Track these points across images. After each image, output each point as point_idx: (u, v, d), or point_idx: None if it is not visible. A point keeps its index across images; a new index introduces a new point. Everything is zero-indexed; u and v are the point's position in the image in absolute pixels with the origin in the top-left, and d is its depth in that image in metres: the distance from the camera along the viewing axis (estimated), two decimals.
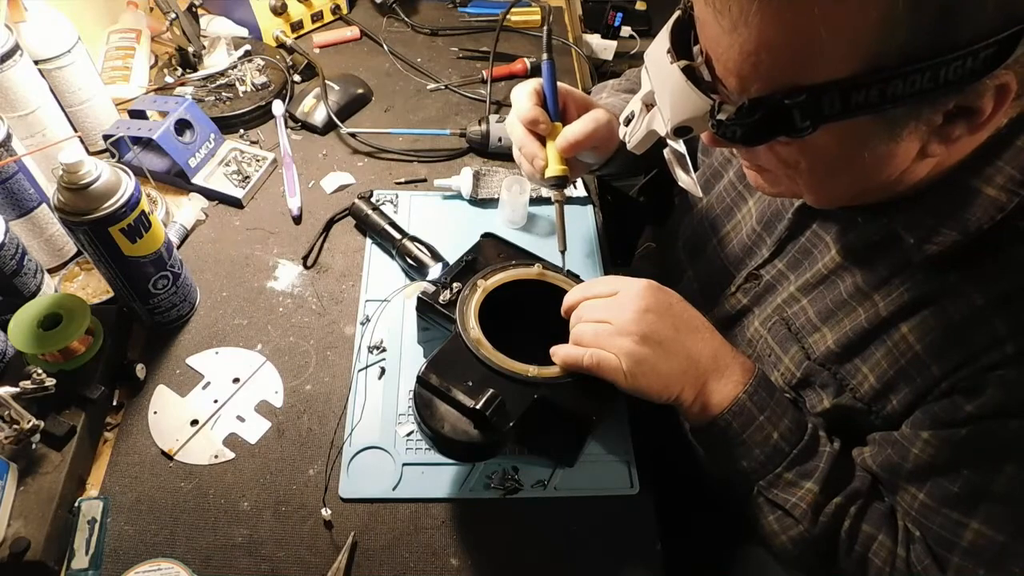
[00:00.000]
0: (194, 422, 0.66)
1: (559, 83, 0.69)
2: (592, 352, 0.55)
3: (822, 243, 0.58)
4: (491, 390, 0.52)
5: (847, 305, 0.54)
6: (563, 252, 0.65)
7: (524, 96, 0.68)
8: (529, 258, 0.66)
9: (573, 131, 0.65)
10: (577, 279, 0.64)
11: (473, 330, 0.58)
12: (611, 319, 0.55)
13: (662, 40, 0.47)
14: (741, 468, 0.57)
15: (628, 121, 0.57)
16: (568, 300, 0.60)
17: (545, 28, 0.71)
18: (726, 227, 0.70)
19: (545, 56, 0.69)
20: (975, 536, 0.48)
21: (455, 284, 0.62)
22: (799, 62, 0.38)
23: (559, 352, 0.57)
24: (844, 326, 0.54)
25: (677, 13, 0.47)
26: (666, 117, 0.48)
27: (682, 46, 0.46)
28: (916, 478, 0.52)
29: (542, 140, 0.68)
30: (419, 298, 0.61)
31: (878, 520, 0.54)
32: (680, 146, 0.57)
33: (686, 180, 0.58)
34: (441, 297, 0.61)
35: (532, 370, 0.56)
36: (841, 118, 0.39)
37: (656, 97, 0.50)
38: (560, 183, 0.66)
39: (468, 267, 0.64)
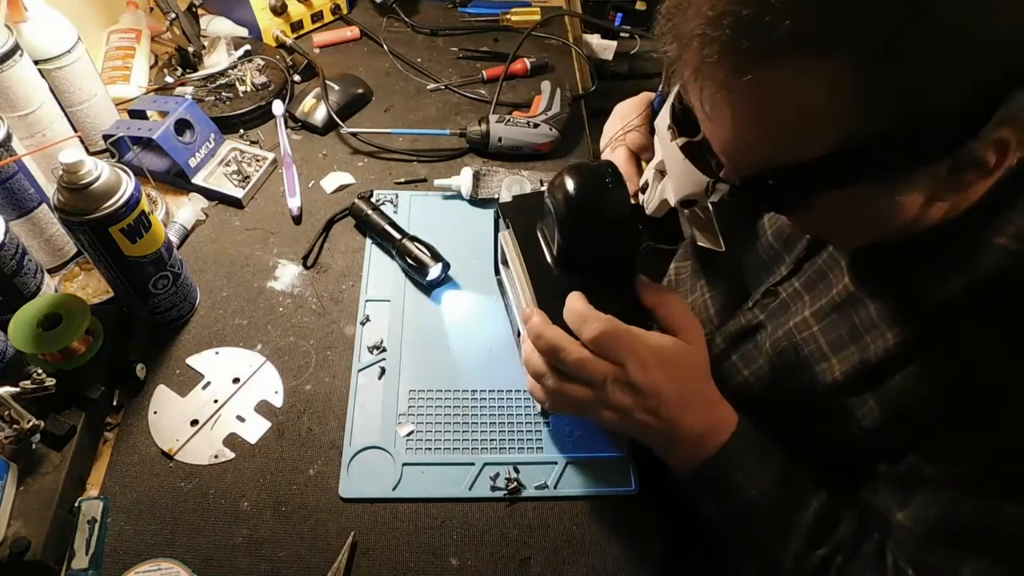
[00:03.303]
0: (194, 422, 0.66)
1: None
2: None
3: (837, 267, 0.57)
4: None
5: (860, 338, 0.53)
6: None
7: (640, 115, 0.69)
8: None
9: None
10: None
11: None
12: (607, 401, 0.53)
13: (664, 115, 0.49)
14: (720, 519, 0.57)
15: (644, 189, 0.59)
16: (572, 322, 0.54)
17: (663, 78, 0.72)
18: (739, 243, 0.69)
19: (661, 88, 0.70)
20: (972, 572, 0.47)
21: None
22: (775, 146, 0.40)
23: (533, 393, 0.57)
24: (853, 358, 0.54)
25: (676, 89, 0.48)
26: (672, 190, 0.51)
27: (683, 122, 0.48)
28: (912, 516, 0.50)
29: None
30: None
31: (866, 563, 0.52)
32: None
33: (705, 241, 0.59)
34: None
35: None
36: (828, 189, 0.40)
37: (667, 167, 0.53)
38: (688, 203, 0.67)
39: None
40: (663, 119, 0.50)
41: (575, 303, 0.54)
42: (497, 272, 0.74)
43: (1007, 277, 0.45)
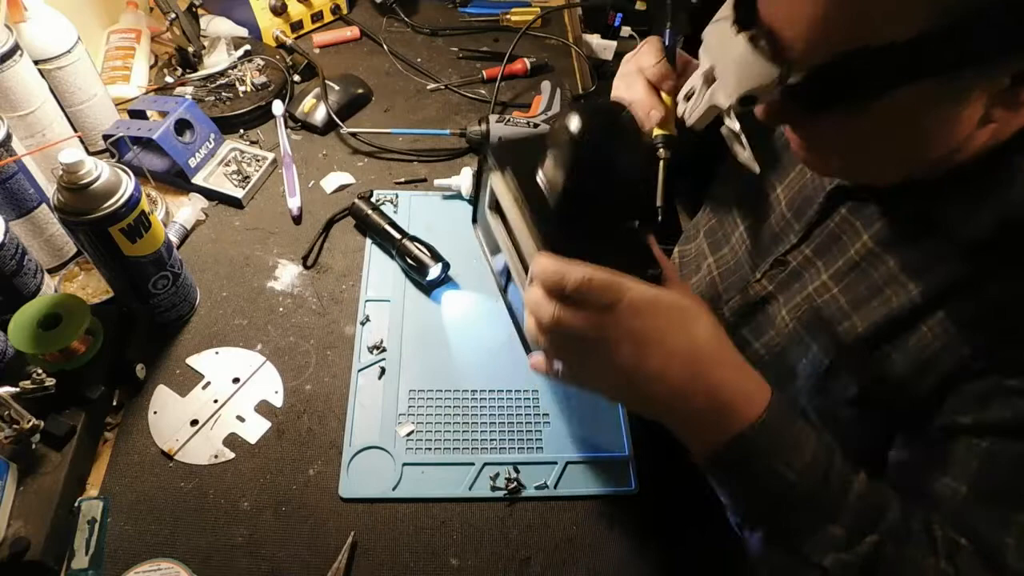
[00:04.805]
0: (194, 422, 0.66)
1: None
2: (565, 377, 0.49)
3: (851, 229, 0.57)
4: None
5: (880, 292, 0.53)
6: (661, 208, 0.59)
7: (651, 52, 0.64)
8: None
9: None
10: None
11: None
12: (595, 356, 0.46)
13: (725, 12, 0.48)
14: (745, 511, 0.50)
15: (688, 97, 0.57)
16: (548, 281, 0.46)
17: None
18: (752, 216, 0.69)
19: (669, 24, 0.66)
20: (1021, 529, 0.44)
21: None
22: (867, 22, 0.38)
23: (530, 334, 0.49)
24: (876, 313, 0.53)
25: None
26: (730, 89, 0.48)
27: (744, 17, 0.46)
28: (956, 475, 0.48)
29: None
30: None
31: (916, 543, 0.47)
32: (735, 124, 0.57)
33: (745, 156, 0.58)
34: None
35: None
36: (910, 81, 0.39)
37: (718, 72, 0.51)
38: (668, 142, 0.63)
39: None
40: (721, 18, 0.48)
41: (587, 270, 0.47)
42: (475, 221, 0.67)
43: None
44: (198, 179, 0.86)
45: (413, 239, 0.78)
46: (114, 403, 0.67)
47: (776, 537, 0.50)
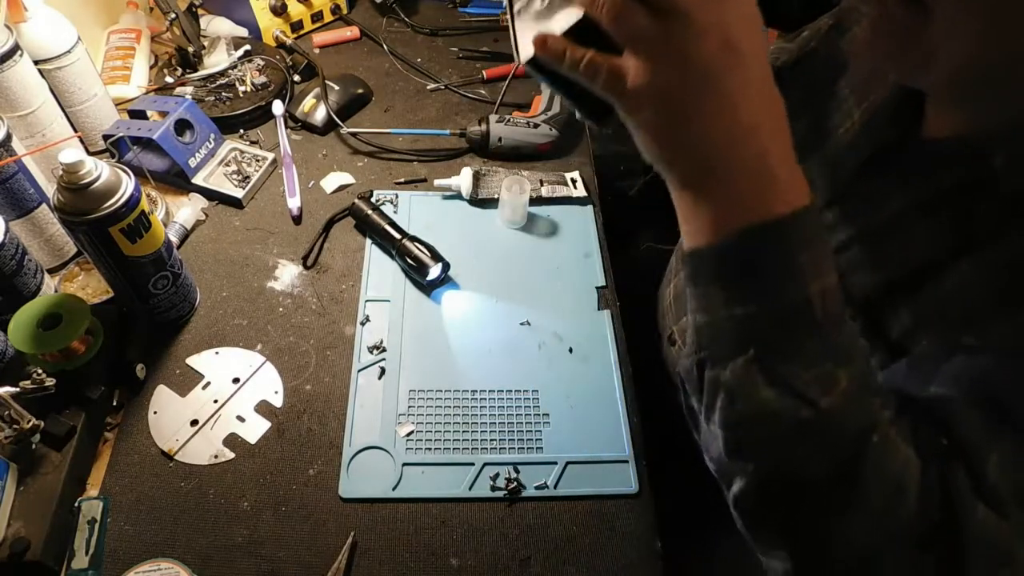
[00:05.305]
0: (194, 422, 0.66)
1: None
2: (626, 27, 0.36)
3: (884, 193, 0.55)
4: None
5: (899, 252, 0.52)
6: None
7: None
8: None
9: None
10: None
11: None
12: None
13: None
14: (733, 330, 0.40)
15: None
16: None
17: None
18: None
19: None
20: (1014, 446, 0.41)
21: None
22: None
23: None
24: (891, 271, 0.52)
25: None
26: None
27: None
28: (944, 384, 0.44)
29: None
30: None
31: (906, 433, 0.41)
32: None
33: None
34: None
35: None
36: None
37: None
38: None
39: None
40: None
41: None
42: None
43: None
44: (198, 179, 0.86)
45: (413, 239, 0.78)
46: (114, 403, 0.67)
47: (763, 368, 0.40)
